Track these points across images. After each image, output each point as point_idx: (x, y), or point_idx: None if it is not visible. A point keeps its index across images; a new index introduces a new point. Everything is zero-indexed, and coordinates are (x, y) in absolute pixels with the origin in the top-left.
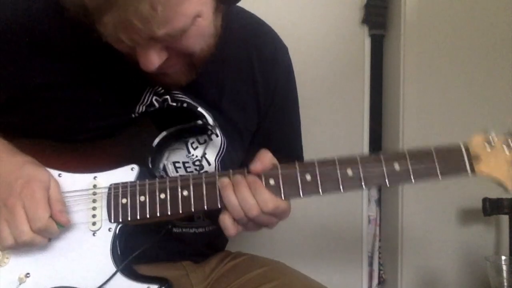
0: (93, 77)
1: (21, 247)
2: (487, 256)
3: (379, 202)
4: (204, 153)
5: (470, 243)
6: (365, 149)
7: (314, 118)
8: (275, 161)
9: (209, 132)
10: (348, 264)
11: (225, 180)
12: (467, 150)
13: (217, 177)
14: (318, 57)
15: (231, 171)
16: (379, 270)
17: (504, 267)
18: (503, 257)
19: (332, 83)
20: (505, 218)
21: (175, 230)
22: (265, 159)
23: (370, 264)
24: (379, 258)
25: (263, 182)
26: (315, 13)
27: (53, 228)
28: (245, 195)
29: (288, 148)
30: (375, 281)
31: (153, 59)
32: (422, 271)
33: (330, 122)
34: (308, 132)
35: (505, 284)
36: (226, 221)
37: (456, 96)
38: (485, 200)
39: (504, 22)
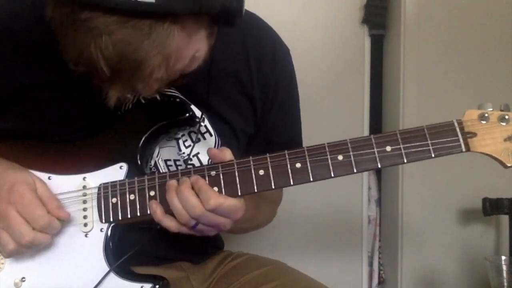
0: (78, 76)
1: (24, 250)
2: (487, 256)
3: (379, 202)
4: (197, 152)
5: (470, 243)
6: None
7: (314, 118)
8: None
9: (198, 126)
10: (348, 264)
11: (170, 182)
12: (460, 126)
13: (205, 170)
14: (318, 57)
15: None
16: (379, 270)
17: (504, 267)
18: (503, 257)
19: (332, 83)
20: (505, 218)
21: None
22: (226, 150)
23: (370, 264)
24: (379, 258)
25: (253, 170)
26: (315, 13)
27: (56, 222)
28: (186, 195)
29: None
30: (375, 281)
31: (153, 90)
32: (422, 271)
33: (330, 122)
34: (308, 132)
35: (505, 284)
36: (167, 223)
37: (456, 95)
38: (485, 200)
39: (504, 22)
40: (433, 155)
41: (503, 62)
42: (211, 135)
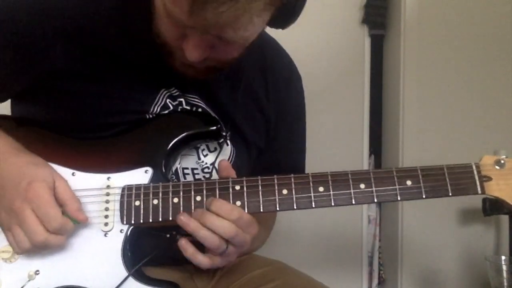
0: (110, 72)
1: (38, 249)
2: (487, 256)
3: (379, 202)
4: (214, 162)
5: (470, 243)
6: (365, 149)
7: (314, 118)
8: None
9: (221, 140)
10: (348, 264)
11: (184, 217)
12: (478, 170)
13: (230, 183)
14: (318, 57)
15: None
16: (379, 270)
17: (504, 267)
18: (503, 257)
19: (332, 83)
20: (505, 218)
21: (179, 237)
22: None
23: (370, 264)
24: (379, 258)
25: (276, 189)
26: (315, 13)
27: (69, 225)
28: (212, 220)
29: (293, 171)
30: (375, 281)
31: (200, 54)
32: (422, 271)
33: (330, 122)
34: (308, 131)
35: (505, 284)
36: (199, 260)
37: (456, 95)
38: (485, 200)
39: (504, 22)
40: (450, 194)
41: (503, 61)
42: (227, 144)
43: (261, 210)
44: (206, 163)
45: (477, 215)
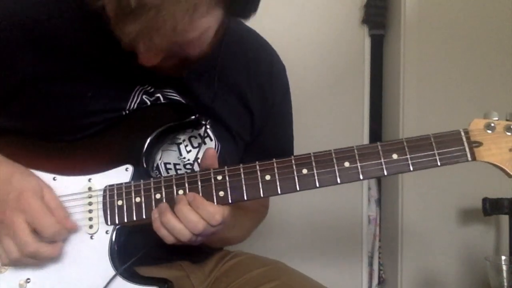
0: (83, 72)
1: (27, 260)
2: (487, 256)
3: (379, 202)
4: (197, 158)
5: (470, 243)
6: None
7: (314, 118)
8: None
9: (204, 129)
10: (348, 264)
11: (162, 205)
12: (467, 135)
13: (212, 174)
14: (318, 57)
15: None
16: (379, 270)
17: (504, 267)
18: (503, 257)
19: (332, 83)
20: (505, 218)
21: None
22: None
23: (370, 264)
24: (379, 258)
25: (259, 175)
26: (315, 13)
27: (64, 231)
28: (186, 213)
29: None
30: (375, 281)
31: (153, 59)
32: (422, 271)
33: (330, 122)
34: (308, 132)
35: (505, 284)
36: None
37: (456, 95)
38: (485, 200)
39: (504, 22)
40: (439, 164)
41: (503, 61)
42: (211, 139)
43: (245, 198)
44: (188, 159)
45: (477, 215)
